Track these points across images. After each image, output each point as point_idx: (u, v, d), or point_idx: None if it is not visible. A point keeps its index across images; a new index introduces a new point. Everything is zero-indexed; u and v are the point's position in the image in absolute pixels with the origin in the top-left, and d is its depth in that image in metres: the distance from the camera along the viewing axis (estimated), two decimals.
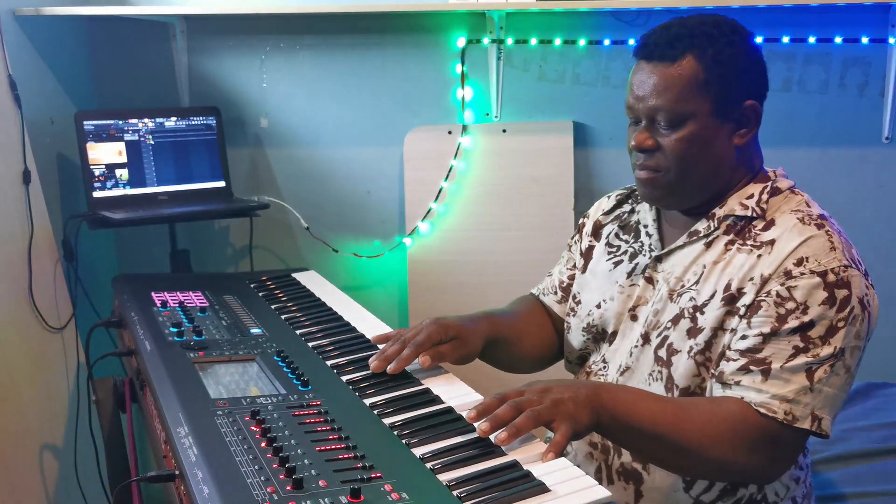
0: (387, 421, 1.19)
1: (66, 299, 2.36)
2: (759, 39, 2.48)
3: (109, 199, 2.42)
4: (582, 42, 2.57)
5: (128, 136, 2.47)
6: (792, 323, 1.22)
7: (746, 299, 1.26)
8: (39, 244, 2.24)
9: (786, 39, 2.48)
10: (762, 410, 1.21)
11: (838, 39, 2.46)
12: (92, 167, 2.40)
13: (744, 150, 1.34)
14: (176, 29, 2.66)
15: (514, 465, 1.05)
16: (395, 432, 1.15)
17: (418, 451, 1.09)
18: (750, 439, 1.21)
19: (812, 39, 2.47)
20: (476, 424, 1.13)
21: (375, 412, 1.22)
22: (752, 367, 1.23)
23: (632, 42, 2.46)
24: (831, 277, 1.22)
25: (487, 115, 2.65)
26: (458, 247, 2.67)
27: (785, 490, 1.35)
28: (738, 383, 1.24)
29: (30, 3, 2.38)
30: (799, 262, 1.23)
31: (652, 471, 1.35)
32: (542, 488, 0.99)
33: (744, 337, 1.25)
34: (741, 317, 1.26)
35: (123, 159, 2.46)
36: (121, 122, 2.46)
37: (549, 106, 2.63)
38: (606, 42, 2.56)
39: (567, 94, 2.61)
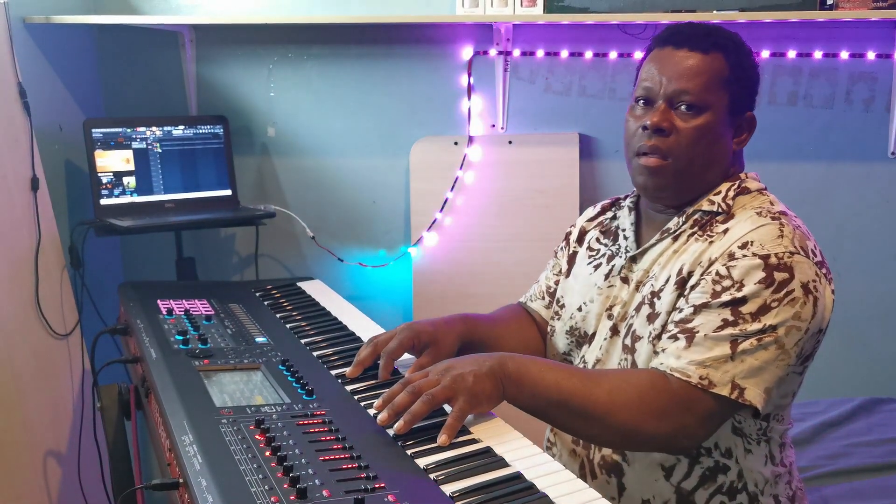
0: (390, 431, 1.19)
1: (71, 306, 2.37)
2: (765, 54, 2.49)
3: (116, 207, 2.43)
4: (588, 54, 2.58)
5: (135, 144, 2.48)
6: (724, 297, 1.24)
7: (692, 281, 1.30)
8: (46, 251, 2.25)
9: (792, 54, 2.49)
10: (676, 375, 1.23)
11: (844, 55, 2.46)
12: (100, 174, 2.42)
13: (737, 157, 1.40)
14: (185, 38, 2.67)
15: (518, 476, 1.05)
16: (399, 442, 1.15)
17: (422, 462, 1.09)
18: (658, 405, 1.22)
19: (818, 54, 2.48)
20: (378, 414, 1.17)
21: None
22: (679, 336, 1.26)
23: (638, 55, 2.47)
24: (773, 260, 1.24)
25: (493, 126, 2.66)
26: (463, 257, 2.68)
27: (764, 482, 1.35)
28: (663, 350, 1.27)
29: (40, 12, 2.40)
30: (743, 246, 1.27)
31: (632, 461, 1.36)
32: (545, 500, 1.00)
33: (680, 310, 1.29)
34: (685, 296, 1.30)
35: (131, 167, 2.47)
36: (129, 130, 2.47)
37: (554, 118, 2.64)
38: (613, 55, 2.56)
39: (573, 106, 2.62)
